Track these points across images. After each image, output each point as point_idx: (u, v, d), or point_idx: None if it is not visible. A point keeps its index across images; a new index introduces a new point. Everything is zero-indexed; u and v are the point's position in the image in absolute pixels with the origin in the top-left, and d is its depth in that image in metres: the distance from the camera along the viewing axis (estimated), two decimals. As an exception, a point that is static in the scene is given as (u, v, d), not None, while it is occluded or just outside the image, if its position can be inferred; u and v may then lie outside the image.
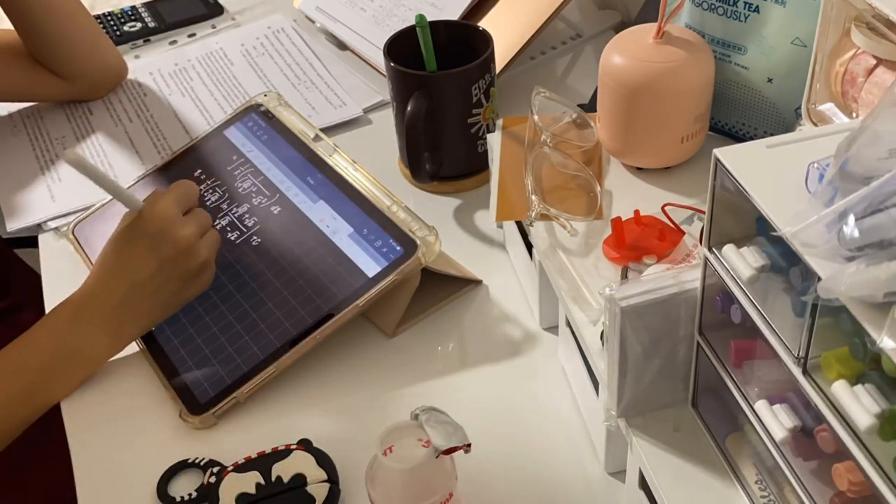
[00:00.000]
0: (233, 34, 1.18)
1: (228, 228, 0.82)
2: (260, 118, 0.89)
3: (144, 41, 1.19)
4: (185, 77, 1.11)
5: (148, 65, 1.14)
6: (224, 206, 0.84)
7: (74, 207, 0.92)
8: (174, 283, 0.73)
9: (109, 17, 1.22)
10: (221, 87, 1.09)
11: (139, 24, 1.20)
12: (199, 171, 0.88)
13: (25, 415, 0.71)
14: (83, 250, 0.86)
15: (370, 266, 0.74)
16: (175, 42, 1.19)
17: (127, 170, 0.97)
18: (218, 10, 1.23)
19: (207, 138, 0.91)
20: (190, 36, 1.19)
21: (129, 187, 0.90)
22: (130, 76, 1.11)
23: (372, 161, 0.84)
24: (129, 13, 1.23)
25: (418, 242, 0.73)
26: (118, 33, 1.19)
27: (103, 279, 0.73)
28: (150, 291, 0.73)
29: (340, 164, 0.82)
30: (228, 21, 1.22)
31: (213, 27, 1.21)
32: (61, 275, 0.86)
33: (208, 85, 1.09)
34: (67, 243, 0.88)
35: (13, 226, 0.92)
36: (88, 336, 0.72)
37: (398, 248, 0.74)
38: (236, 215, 0.83)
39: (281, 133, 0.87)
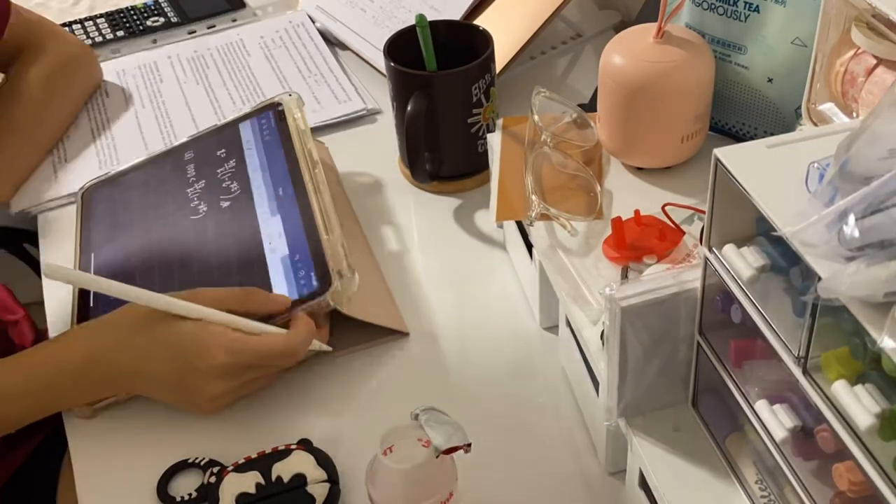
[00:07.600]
0: (255, 27, 1.19)
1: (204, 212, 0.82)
2: (273, 119, 0.88)
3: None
4: (202, 65, 1.12)
5: (168, 49, 1.16)
6: (205, 196, 0.84)
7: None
8: (170, 392, 0.70)
9: (132, 12, 1.22)
10: (235, 77, 1.10)
11: (162, 19, 1.21)
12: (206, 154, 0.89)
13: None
14: (81, 215, 0.86)
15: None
16: (194, 32, 1.19)
17: (128, 156, 0.96)
18: (240, 4, 1.23)
19: (223, 128, 0.90)
20: (209, 27, 1.20)
21: (137, 163, 0.90)
22: (148, 60, 1.12)
23: (372, 161, 0.84)
24: (152, 7, 1.23)
25: (333, 283, 0.70)
26: (141, 28, 1.19)
27: (108, 348, 0.69)
28: (145, 379, 0.69)
29: (318, 180, 0.79)
30: (250, 16, 1.22)
31: (234, 20, 1.21)
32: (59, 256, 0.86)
33: (223, 75, 1.10)
34: (67, 222, 0.88)
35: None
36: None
37: (314, 283, 0.71)
38: (211, 207, 0.83)
39: (282, 137, 0.86)
